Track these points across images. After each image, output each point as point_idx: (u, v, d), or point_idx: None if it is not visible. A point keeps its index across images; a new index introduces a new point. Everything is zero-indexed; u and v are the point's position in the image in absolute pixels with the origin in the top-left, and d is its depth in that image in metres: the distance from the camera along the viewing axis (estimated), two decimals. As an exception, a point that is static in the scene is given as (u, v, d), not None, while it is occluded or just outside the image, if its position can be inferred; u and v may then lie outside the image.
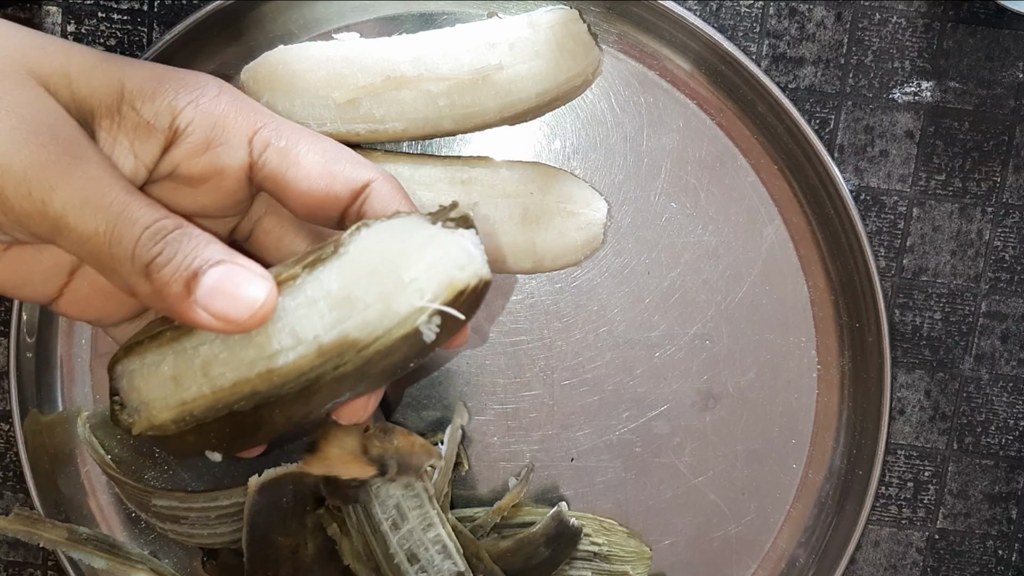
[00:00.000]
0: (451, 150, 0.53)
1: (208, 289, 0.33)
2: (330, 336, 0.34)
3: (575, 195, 0.50)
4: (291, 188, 0.37)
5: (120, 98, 0.35)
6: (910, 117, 0.53)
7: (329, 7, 0.51)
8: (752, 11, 0.53)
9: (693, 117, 0.53)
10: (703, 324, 0.54)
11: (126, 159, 0.36)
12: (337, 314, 0.34)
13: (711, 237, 0.53)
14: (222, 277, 0.33)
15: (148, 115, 0.35)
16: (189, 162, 0.37)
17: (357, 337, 0.34)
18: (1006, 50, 0.53)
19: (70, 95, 0.34)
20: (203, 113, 0.36)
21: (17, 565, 0.56)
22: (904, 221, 0.54)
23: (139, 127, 0.35)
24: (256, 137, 0.37)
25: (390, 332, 0.34)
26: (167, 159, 0.36)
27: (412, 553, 0.49)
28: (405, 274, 0.34)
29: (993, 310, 0.55)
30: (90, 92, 0.35)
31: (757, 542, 0.55)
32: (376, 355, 0.34)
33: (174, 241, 0.33)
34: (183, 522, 0.51)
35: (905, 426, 0.56)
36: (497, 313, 0.54)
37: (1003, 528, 0.56)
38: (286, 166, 0.37)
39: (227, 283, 0.33)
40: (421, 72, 0.46)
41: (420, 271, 0.34)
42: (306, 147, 0.38)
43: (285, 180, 0.37)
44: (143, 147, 0.36)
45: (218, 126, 0.36)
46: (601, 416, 0.54)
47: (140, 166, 0.36)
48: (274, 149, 0.37)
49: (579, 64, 0.47)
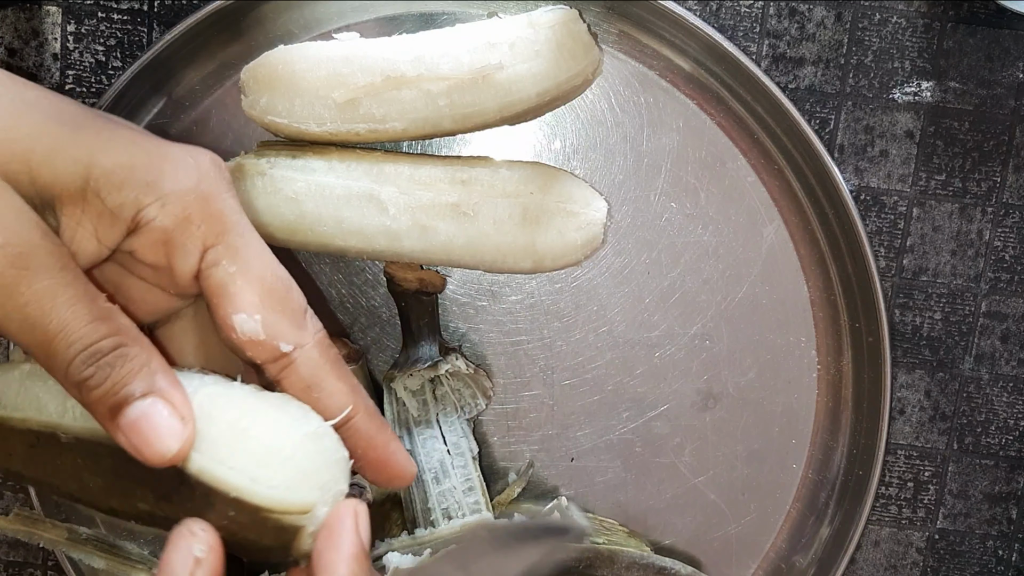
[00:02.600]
0: (451, 150, 0.53)
1: (130, 422, 0.34)
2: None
3: (575, 195, 0.50)
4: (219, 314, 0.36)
5: (85, 185, 0.35)
6: (910, 117, 0.53)
7: (329, 7, 0.51)
8: (752, 11, 0.53)
9: (693, 117, 0.53)
10: (703, 324, 0.54)
11: (88, 243, 0.35)
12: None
13: (711, 237, 0.53)
14: (143, 415, 0.34)
15: (112, 205, 0.35)
16: (144, 250, 0.36)
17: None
18: (1006, 50, 0.53)
19: (30, 182, 0.34)
20: (167, 213, 0.35)
21: (17, 565, 0.56)
22: (904, 221, 0.54)
23: (103, 215, 0.35)
24: (210, 252, 0.36)
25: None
26: (125, 244, 0.36)
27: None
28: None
29: (993, 310, 0.55)
30: (53, 179, 0.34)
31: (757, 542, 0.55)
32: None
33: (106, 366, 0.33)
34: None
35: (905, 426, 0.56)
36: (497, 313, 0.54)
37: (1003, 528, 0.56)
38: (222, 295, 0.36)
39: (146, 424, 0.34)
40: (421, 72, 0.46)
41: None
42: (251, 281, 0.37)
43: (216, 304, 0.36)
44: (106, 232, 0.35)
45: (177, 230, 0.36)
46: (601, 416, 0.54)
47: (103, 248, 0.36)
48: (220, 272, 0.36)
49: (579, 64, 0.47)
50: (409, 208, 0.48)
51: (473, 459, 0.52)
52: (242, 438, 0.34)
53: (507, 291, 0.54)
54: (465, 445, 0.53)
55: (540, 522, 0.50)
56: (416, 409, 0.52)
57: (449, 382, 0.53)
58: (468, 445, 0.53)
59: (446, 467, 0.52)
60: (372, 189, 0.48)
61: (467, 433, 0.53)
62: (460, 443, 0.52)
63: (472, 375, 0.52)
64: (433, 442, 0.52)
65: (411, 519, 0.52)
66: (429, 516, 0.51)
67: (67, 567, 0.52)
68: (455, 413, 0.53)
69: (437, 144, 0.53)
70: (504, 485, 0.54)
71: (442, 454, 0.52)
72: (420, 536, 0.50)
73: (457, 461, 0.52)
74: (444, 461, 0.52)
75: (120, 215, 0.35)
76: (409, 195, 0.48)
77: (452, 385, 0.53)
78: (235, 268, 0.36)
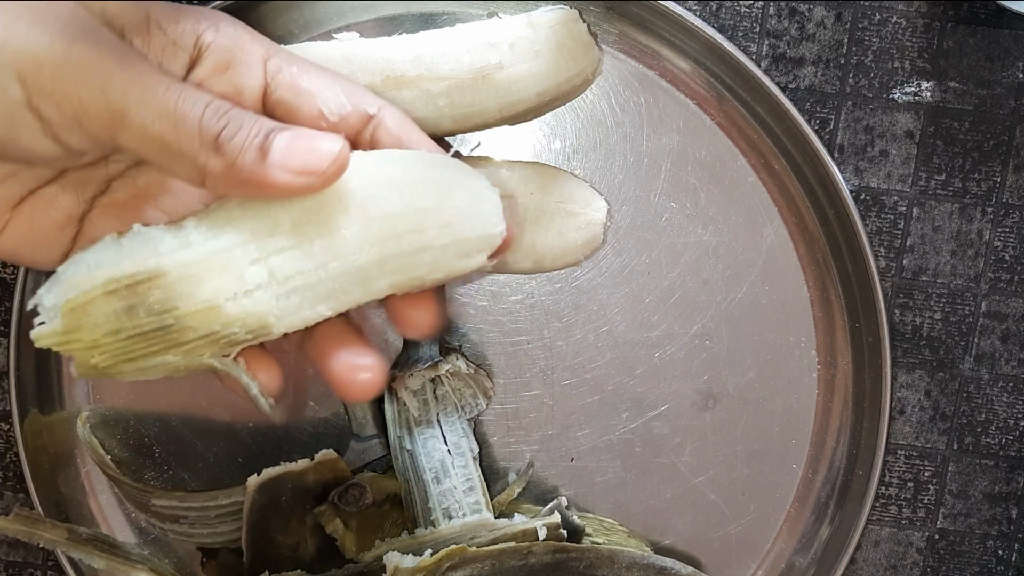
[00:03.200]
0: (451, 150, 0.53)
1: (283, 148, 0.34)
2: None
3: (575, 195, 0.50)
4: (303, 112, 0.38)
5: (148, 19, 0.36)
6: (910, 117, 0.53)
7: (329, 7, 0.51)
8: (752, 11, 0.53)
9: (693, 117, 0.53)
10: (703, 324, 0.54)
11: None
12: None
13: (711, 237, 0.53)
14: (294, 136, 0.34)
15: (174, 35, 0.37)
16: (210, 80, 0.38)
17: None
18: (1006, 50, 0.53)
19: (101, 11, 0.35)
20: (223, 35, 0.38)
21: (17, 565, 0.56)
22: (904, 221, 0.54)
23: (166, 46, 0.36)
24: (270, 61, 0.38)
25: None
26: (191, 77, 0.38)
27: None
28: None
29: (993, 310, 0.55)
30: (120, 11, 0.36)
31: (757, 542, 0.55)
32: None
33: (237, 115, 0.34)
34: (182, 522, 0.51)
35: (905, 426, 0.56)
36: (497, 313, 0.54)
37: (1003, 528, 0.56)
38: (296, 91, 0.38)
39: (300, 140, 0.34)
40: (421, 72, 0.46)
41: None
42: (316, 73, 0.39)
43: (296, 104, 0.38)
44: (171, 64, 0.37)
45: (236, 47, 0.38)
46: (601, 416, 0.54)
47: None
48: (286, 73, 0.38)
49: (579, 64, 0.48)
50: (409, 208, 0.48)
51: (474, 459, 0.52)
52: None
53: (507, 291, 0.54)
54: (466, 445, 0.53)
55: None
56: (417, 409, 0.52)
57: (450, 382, 0.53)
58: (469, 445, 0.53)
59: (447, 467, 0.52)
60: (372, 189, 0.48)
61: (468, 433, 0.53)
62: (461, 443, 0.53)
63: (473, 375, 0.53)
64: (434, 442, 0.52)
65: (411, 519, 0.52)
66: (429, 516, 0.51)
67: (67, 567, 0.52)
68: (456, 413, 0.53)
69: (437, 144, 0.53)
70: (504, 485, 0.54)
71: (443, 454, 0.52)
72: (420, 536, 0.50)
73: (458, 461, 0.52)
74: (445, 461, 0.52)
75: (182, 43, 0.37)
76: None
77: (453, 385, 0.53)
78: (296, 68, 0.38)
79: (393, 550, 0.49)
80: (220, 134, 0.33)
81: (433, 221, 0.36)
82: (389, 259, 0.36)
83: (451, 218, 0.36)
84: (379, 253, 0.36)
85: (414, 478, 0.52)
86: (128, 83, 0.33)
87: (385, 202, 0.36)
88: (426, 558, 0.47)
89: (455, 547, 0.48)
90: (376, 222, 0.35)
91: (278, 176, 0.34)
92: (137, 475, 0.54)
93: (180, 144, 0.33)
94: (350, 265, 0.36)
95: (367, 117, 0.39)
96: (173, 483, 0.54)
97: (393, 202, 0.36)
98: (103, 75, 0.33)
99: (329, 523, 0.51)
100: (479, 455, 0.53)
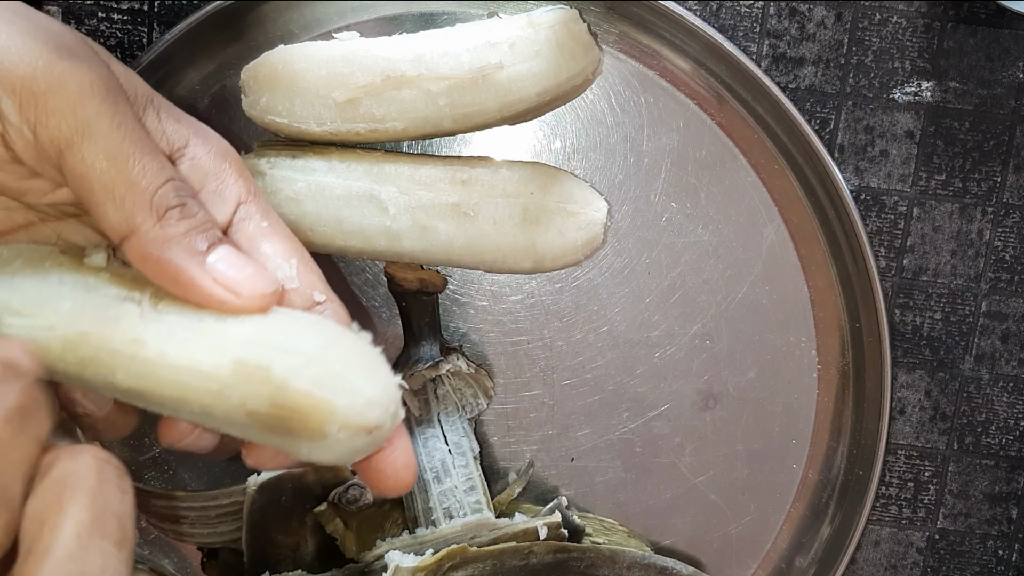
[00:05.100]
0: (451, 150, 0.53)
1: (223, 257, 0.33)
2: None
3: (575, 195, 0.50)
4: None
5: (150, 100, 0.36)
6: (910, 117, 0.53)
7: (329, 7, 0.51)
8: (752, 11, 0.53)
9: (693, 117, 0.53)
10: (703, 324, 0.54)
11: None
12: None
13: (711, 237, 0.53)
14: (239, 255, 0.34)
15: (166, 126, 0.36)
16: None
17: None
18: (1006, 50, 0.53)
19: (109, 64, 0.35)
20: (210, 157, 0.36)
21: (17, 565, 0.56)
22: (904, 221, 0.54)
23: (155, 131, 0.36)
24: (243, 206, 0.37)
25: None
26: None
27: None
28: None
29: (993, 310, 0.55)
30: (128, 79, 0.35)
31: (757, 542, 0.55)
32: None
33: (196, 207, 0.33)
34: (183, 522, 0.51)
35: (905, 426, 0.56)
36: (497, 313, 0.54)
37: (1003, 528, 0.56)
38: (253, 247, 0.36)
39: (243, 261, 0.33)
40: (421, 71, 0.46)
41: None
42: (281, 239, 0.37)
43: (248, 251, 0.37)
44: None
45: (216, 175, 0.36)
46: (601, 416, 0.54)
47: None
48: (253, 226, 0.37)
49: (579, 64, 0.48)
50: (409, 208, 0.48)
51: (474, 458, 0.52)
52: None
53: (507, 291, 0.54)
54: (466, 444, 0.53)
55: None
56: (418, 409, 0.52)
57: (450, 381, 0.53)
58: (469, 444, 0.53)
59: (447, 466, 0.52)
60: (372, 189, 0.48)
61: (468, 432, 0.53)
62: (461, 442, 0.53)
63: (473, 375, 0.53)
64: (435, 441, 0.52)
65: (412, 518, 0.52)
66: (430, 515, 0.51)
67: (67, 567, 0.52)
68: (456, 412, 0.53)
69: (437, 144, 0.53)
70: (504, 485, 0.54)
71: (443, 453, 0.52)
72: (421, 535, 0.50)
73: (458, 460, 0.52)
74: (445, 460, 0.52)
75: (169, 137, 0.36)
76: (409, 195, 0.48)
77: (453, 385, 0.53)
78: (266, 224, 0.37)
79: (394, 550, 0.49)
80: (172, 209, 0.32)
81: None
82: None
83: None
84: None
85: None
86: (104, 113, 0.32)
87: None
88: (427, 558, 0.47)
89: (456, 547, 0.48)
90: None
91: (202, 277, 0.32)
92: (137, 475, 0.53)
93: (126, 194, 0.32)
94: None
95: (311, 303, 0.36)
96: (173, 483, 0.54)
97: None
98: (83, 93, 0.32)
99: (329, 523, 0.51)
100: (479, 455, 0.53)
